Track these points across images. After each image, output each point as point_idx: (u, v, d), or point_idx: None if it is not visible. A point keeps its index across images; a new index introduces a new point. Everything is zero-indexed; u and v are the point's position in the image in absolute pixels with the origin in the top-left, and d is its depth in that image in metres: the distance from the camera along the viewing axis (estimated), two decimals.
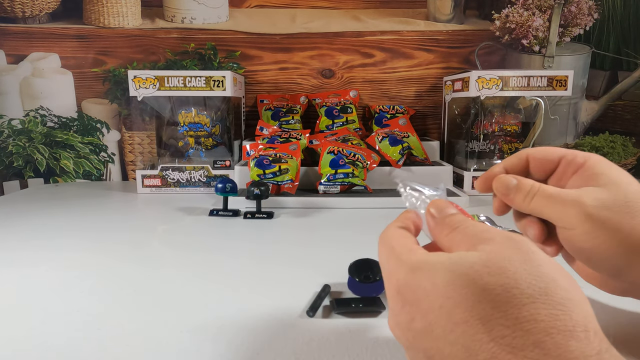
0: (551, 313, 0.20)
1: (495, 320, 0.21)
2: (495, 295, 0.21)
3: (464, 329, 0.21)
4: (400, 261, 0.26)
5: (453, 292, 0.22)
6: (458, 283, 0.22)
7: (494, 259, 0.23)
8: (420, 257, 0.25)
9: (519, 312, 0.20)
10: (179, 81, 0.99)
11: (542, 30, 1.19)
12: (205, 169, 1.02)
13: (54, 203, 0.94)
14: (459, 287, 0.22)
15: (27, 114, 1.20)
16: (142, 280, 0.52)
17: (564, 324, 0.20)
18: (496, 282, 0.21)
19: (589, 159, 0.33)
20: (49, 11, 1.18)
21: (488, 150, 1.06)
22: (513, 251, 0.23)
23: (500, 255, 0.23)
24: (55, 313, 0.44)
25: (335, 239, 0.69)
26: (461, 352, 0.21)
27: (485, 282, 0.22)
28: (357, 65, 1.22)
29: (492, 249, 0.24)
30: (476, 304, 0.21)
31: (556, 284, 0.22)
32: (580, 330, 0.20)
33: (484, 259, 0.23)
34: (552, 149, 0.36)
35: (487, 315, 0.21)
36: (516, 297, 0.21)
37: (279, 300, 0.46)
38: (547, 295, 0.21)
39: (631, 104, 1.24)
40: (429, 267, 0.24)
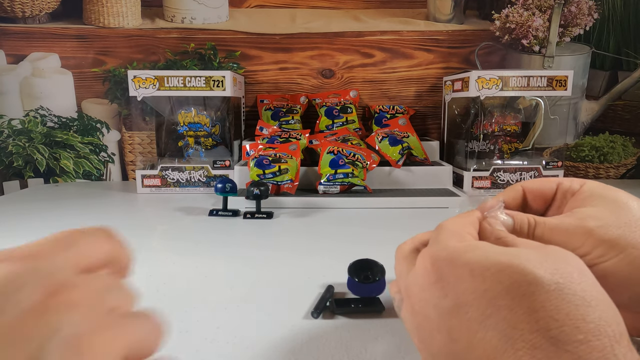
0: (601, 317, 0.21)
1: (544, 311, 0.21)
2: (550, 291, 0.21)
3: (505, 315, 0.21)
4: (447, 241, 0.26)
5: (506, 278, 0.22)
6: (512, 271, 0.22)
7: (550, 258, 0.23)
8: (470, 243, 0.26)
9: (569, 309, 0.21)
10: (178, 81, 0.99)
11: (542, 30, 1.19)
12: (205, 169, 1.02)
13: (54, 203, 0.94)
14: (514, 274, 0.22)
15: (27, 114, 1.20)
16: (143, 280, 0.52)
17: (612, 329, 0.20)
18: (551, 279, 0.22)
19: (585, 183, 0.33)
20: (48, 11, 1.17)
21: (488, 150, 1.06)
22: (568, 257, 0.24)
23: (556, 257, 0.23)
24: None
25: (334, 239, 0.69)
26: (497, 338, 0.21)
27: (542, 277, 0.22)
28: (357, 65, 1.22)
29: (548, 250, 0.24)
30: (528, 295, 0.21)
31: (604, 296, 0.22)
32: (625, 340, 0.20)
33: (540, 256, 0.23)
34: (546, 180, 0.35)
35: (536, 307, 0.21)
36: (569, 296, 0.21)
37: (279, 300, 0.46)
38: (597, 301, 0.21)
39: (631, 104, 1.24)
40: (481, 252, 0.24)
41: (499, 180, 1.01)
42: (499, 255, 0.24)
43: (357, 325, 0.41)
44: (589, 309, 0.21)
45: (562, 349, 0.20)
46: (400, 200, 0.88)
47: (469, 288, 0.23)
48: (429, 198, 0.89)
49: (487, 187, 1.01)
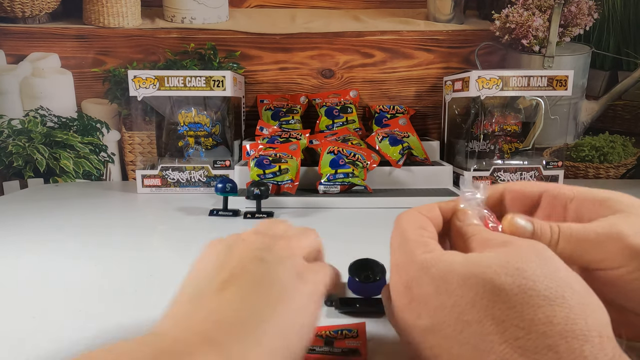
0: (567, 316, 0.20)
1: (509, 320, 0.20)
2: (512, 295, 0.21)
3: (475, 329, 0.21)
4: (413, 256, 0.25)
5: (468, 291, 0.22)
6: (473, 282, 0.22)
7: (511, 259, 0.22)
8: (434, 255, 0.25)
9: (534, 313, 0.20)
10: (178, 81, 0.99)
11: (542, 30, 1.19)
12: (205, 169, 1.02)
13: (54, 203, 0.94)
14: (475, 286, 0.22)
15: (27, 114, 1.20)
16: (143, 280, 0.52)
17: (579, 327, 0.20)
18: (513, 282, 0.21)
19: (578, 190, 0.30)
20: (48, 11, 1.17)
21: (488, 150, 1.07)
22: (531, 254, 0.23)
23: (518, 256, 0.23)
24: (56, 313, 0.44)
25: (335, 239, 0.69)
26: (470, 352, 0.21)
27: (502, 282, 0.21)
28: (357, 65, 1.22)
29: (509, 250, 0.23)
30: (492, 304, 0.21)
31: (573, 289, 0.21)
32: (595, 336, 0.20)
33: (501, 260, 0.22)
34: (531, 183, 0.33)
35: (502, 316, 0.21)
36: (532, 298, 0.21)
37: None
38: (563, 298, 0.21)
39: (631, 104, 1.24)
40: (443, 265, 0.24)
41: (499, 180, 1.01)
42: (460, 266, 0.23)
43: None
44: (554, 309, 0.20)
45: (531, 358, 0.19)
46: (400, 200, 0.88)
47: (438, 305, 0.23)
48: (429, 198, 0.89)
49: None
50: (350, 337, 0.37)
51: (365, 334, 0.38)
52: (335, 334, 0.38)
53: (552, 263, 0.23)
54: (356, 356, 0.35)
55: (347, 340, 0.37)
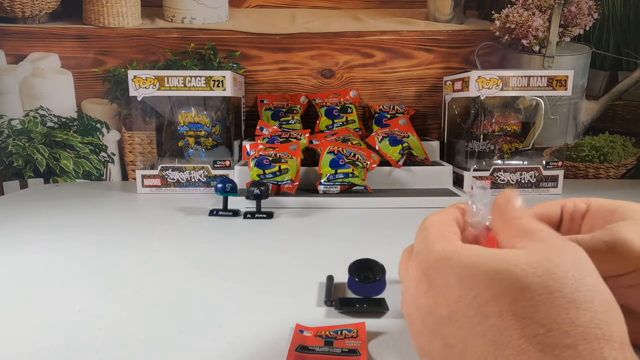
0: (591, 320, 0.20)
1: (531, 317, 0.21)
2: (537, 295, 0.21)
3: (494, 322, 0.21)
4: (434, 245, 0.25)
5: (492, 286, 0.22)
6: (500, 278, 0.22)
7: (542, 260, 0.22)
8: (457, 247, 0.25)
9: (557, 313, 0.20)
10: (178, 81, 0.99)
11: (542, 30, 1.19)
12: (205, 169, 1.02)
13: (54, 203, 0.94)
14: (500, 282, 0.22)
15: (27, 114, 1.20)
16: (142, 280, 0.52)
17: (602, 331, 0.20)
18: (540, 283, 0.21)
19: (591, 202, 0.31)
20: (48, 11, 1.17)
21: (488, 150, 1.07)
22: (563, 256, 0.23)
23: (549, 257, 0.22)
24: (56, 313, 0.44)
25: (335, 239, 0.69)
26: (487, 345, 0.21)
27: (530, 282, 0.21)
28: (357, 65, 1.22)
29: (541, 248, 0.23)
30: (515, 301, 0.21)
31: (601, 295, 0.21)
32: (616, 341, 0.20)
33: (531, 259, 0.22)
34: (549, 203, 0.33)
35: (524, 313, 0.21)
36: (558, 299, 0.21)
37: (279, 299, 0.46)
38: (591, 303, 0.21)
39: (631, 104, 1.24)
40: (467, 257, 0.24)
41: (499, 180, 1.01)
42: (486, 260, 0.23)
43: None
44: (579, 312, 0.20)
45: (550, 354, 0.20)
46: (400, 200, 0.88)
47: (458, 296, 0.23)
48: (429, 198, 0.89)
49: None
50: (350, 337, 0.37)
51: (365, 334, 0.38)
52: (335, 334, 0.38)
53: (584, 266, 0.23)
54: (356, 356, 0.35)
55: (347, 340, 0.37)
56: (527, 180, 1.02)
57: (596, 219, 0.30)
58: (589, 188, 1.12)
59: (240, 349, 0.37)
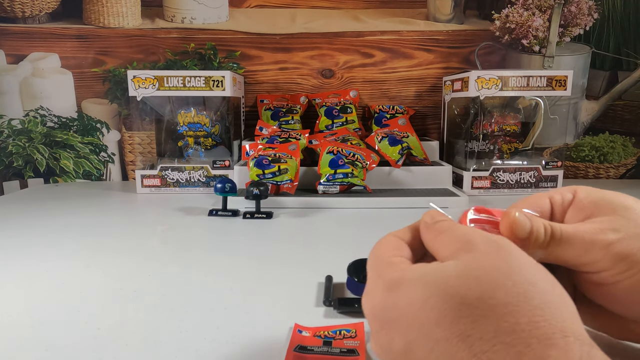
0: (531, 321, 0.20)
1: (474, 335, 0.20)
2: (474, 308, 0.21)
3: (445, 347, 0.21)
4: (378, 279, 0.25)
5: (431, 310, 0.22)
6: (435, 300, 0.22)
7: (471, 269, 0.22)
8: (397, 274, 0.24)
9: (497, 324, 0.20)
10: (178, 81, 0.99)
11: (542, 30, 1.19)
12: (204, 169, 1.02)
13: (54, 203, 0.94)
14: (437, 303, 0.22)
15: (27, 114, 1.20)
16: (142, 280, 0.52)
17: (543, 332, 0.20)
18: (473, 294, 0.21)
19: (577, 190, 0.31)
20: (48, 11, 1.18)
21: (487, 150, 1.06)
22: (492, 258, 0.22)
23: (478, 264, 0.22)
24: (56, 313, 0.44)
25: (334, 239, 0.69)
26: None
27: (462, 296, 0.21)
28: (357, 65, 1.22)
29: (469, 257, 0.23)
30: (455, 320, 0.21)
31: (535, 288, 0.21)
32: (559, 337, 0.20)
33: (460, 271, 0.22)
34: (538, 196, 0.32)
35: (467, 331, 0.20)
36: (494, 307, 0.20)
37: (278, 299, 0.46)
38: (525, 300, 0.20)
39: (631, 104, 1.24)
40: (406, 284, 0.23)
41: (498, 180, 1.01)
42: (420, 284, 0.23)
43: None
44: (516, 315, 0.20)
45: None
46: (399, 200, 0.88)
47: (407, 327, 0.23)
48: (428, 198, 0.88)
49: (487, 187, 1.01)
50: (348, 337, 0.38)
51: (363, 334, 0.38)
52: (334, 334, 0.38)
53: (515, 263, 0.22)
54: (354, 356, 0.35)
55: (346, 341, 0.37)
56: (527, 181, 1.02)
57: (580, 209, 0.30)
58: None
59: (239, 349, 0.37)
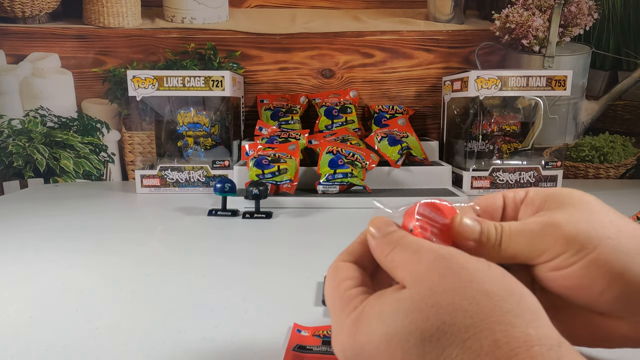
0: (492, 341, 0.19)
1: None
2: (436, 341, 0.20)
3: None
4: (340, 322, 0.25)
5: (395, 350, 0.21)
6: (397, 339, 0.21)
7: (424, 296, 0.21)
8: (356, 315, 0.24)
9: (463, 352, 0.19)
10: (178, 81, 0.99)
11: (542, 30, 1.19)
12: (204, 169, 1.02)
13: (54, 203, 0.94)
14: (399, 343, 0.21)
15: (27, 114, 1.21)
16: (141, 280, 0.52)
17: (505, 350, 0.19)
18: (432, 325, 0.20)
19: (529, 190, 0.31)
20: (48, 11, 1.18)
21: (487, 150, 1.06)
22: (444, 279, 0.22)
23: (432, 290, 0.22)
24: (55, 313, 0.44)
25: (334, 239, 0.69)
26: None
27: (422, 331, 0.20)
28: (357, 65, 1.22)
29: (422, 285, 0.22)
30: (421, 357, 0.20)
31: (491, 299, 0.21)
32: (525, 350, 0.19)
33: (415, 301, 0.22)
34: (493, 194, 0.32)
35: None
36: (455, 335, 0.20)
37: (277, 299, 0.46)
38: (485, 318, 0.20)
39: (631, 104, 1.24)
40: (366, 325, 0.23)
41: (498, 180, 1.01)
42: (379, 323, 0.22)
43: None
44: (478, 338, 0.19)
45: None
46: (399, 200, 0.88)
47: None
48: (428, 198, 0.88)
49: (487, 187, 1.01)
50: None
51: None
52: None
53: (465, 276, 0.22)
54: None
55: None
56: (526, 180, 1.02)
57: (531, 205, 0.30)
58: (588, 188, 1.12)
59: (238, 348, 0.37)
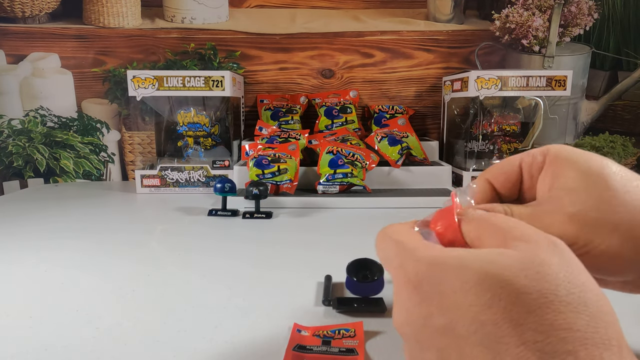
0: (589, 324, 0.20)
1: (528, 324, 0.20)
2: (532, 300, 0.20)
3: (491, 330, 0.21)
4: (417, 254, 0.24)
5: (486, 291, 0.21)
6: (491, 282, 0.21)
7: (532, 260, 0.22)
8: (442, 252, 0.24)
9: (554, 318, 0.20)
10: (178, 81, 0.99)
11: (542, 30, 1.19)
12: (204, 169, 1.02)
13: (54, 203, 0.94)
14: (493, 286, 0.21)
15: (27, 114, 1.21)
16: (141, 280, 0.52)
17: (600, 336, 0.19)
18: (534, 286, 0.21)
19: (548, 152, 0.29)
20: (48, 11, 1.18)
21: (487, 150, 1.06)
22: (552, 255, 0.22)
23: (540, 257, 0.22)
24: (55, 313, 0.44)
25: (333, 239, 0.69)
26: (484, 354, 0.21)
27: (522, 285, 0.21)
28: (357, 65, 1.22)
29: (529, 248, 0.22)
30: (510, 306, 0.20)
31: (594, 296, 0.21)
32: (615, 345, 0.19)
33: (520, 260, 0.22)
34: (506, 161, 0.31)
35: (520, 319, 0.20)
36: (553, 303, 0.20)
37: (277, 300, 0.46)
38: (585, 305, 0.20)
39: (631, 104, 1.24)
40: (457, 262, 0.23)
41: None
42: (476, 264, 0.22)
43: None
44: (575, 315, 0.20)
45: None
46: (399, 200, 0.88)
47: (452, 304, 0.22)
48: (428, 198, 0.88)
49: None
50: (347, 336, 0.38)
51: (362, 334, 0.38)
52: (333, 334, 0.38)
53: (574, 265, 0.22)
54: (353, 356, 0.35)
55: (345, 340, 0.37)
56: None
57: (549, 171, 0.29)
58: None
59: (238, 348, 0.37)
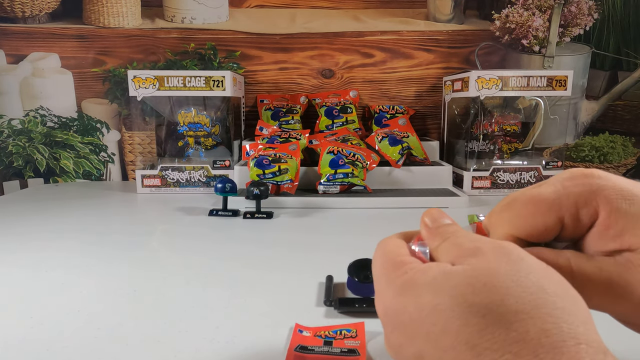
0: (541, 329, 0.19)
1: (482, 344, 0.20)
2: (481, 317, 0.20)
3: (452, 356, 0.20)
4: (388, 281, 0.25)
5: (438, 317, 0.21)
6: (443, 307, 0.21)
7: (478, 274, 0.21)
8: (406, 278, 0.24)
9: (506, 333, 0.19)
10: (178, 81, 0.99)
11: (542, 30, 1.19)
12: (204, 169, 1.02)
13: (54, 203, 0.94)
14: (444, 311, 0.21)
15: (27, 114, 1.20)
16: (142, 280, 0.52)
17: (553, 340, 0.19)
18: (481, 301, 0.20)
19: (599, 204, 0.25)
20: (48, 11, 1.18)
21: (488, 150, 1.07)
22: (500, 262, 0.22)
23: (486, 269, 0.22)
24: (56, 313, 0.44)
25: (334, 239, 0.69)
26: None
27: (470, 304, 0.20)
28: (357, 65, 1.22)
29: (477, 262, 0.22)
30: (462, 329, 0.20)
31: (545, 293, 0.20)
32: (571, 345, 0.19)
33: (467, 276, 0.22)
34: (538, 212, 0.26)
35: (474, 340, 0.20)
36: (503, 315, 0.20)
37: (278, 300, 0.46)
38: (536, 307, 0.20)
39: (631, 104, 1.24)
40: (414, 289, 0.23)
41: (498, 180, 1.01)
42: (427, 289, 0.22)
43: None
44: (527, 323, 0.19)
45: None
46: (400, 200, 0.88)
47: (415, 333, 0.22)
48: (428, 198, 0.89)
49: (487, 187, 1.01)
50: (349, 337, 0.38)
51: (364, 334, 0.38)
52: (334, 334, 0.38)
53: (524, 267, 0.22)
54: (355, 356, 0.35)
55: (346, 340, 0.37)
56: (527, 181, 1.02)
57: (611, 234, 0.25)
58: None
59: (239, 348, 0.37)
